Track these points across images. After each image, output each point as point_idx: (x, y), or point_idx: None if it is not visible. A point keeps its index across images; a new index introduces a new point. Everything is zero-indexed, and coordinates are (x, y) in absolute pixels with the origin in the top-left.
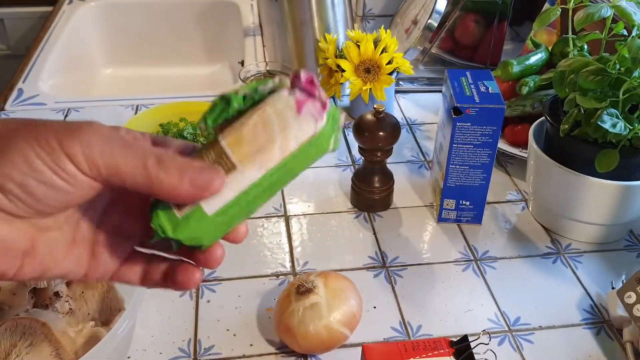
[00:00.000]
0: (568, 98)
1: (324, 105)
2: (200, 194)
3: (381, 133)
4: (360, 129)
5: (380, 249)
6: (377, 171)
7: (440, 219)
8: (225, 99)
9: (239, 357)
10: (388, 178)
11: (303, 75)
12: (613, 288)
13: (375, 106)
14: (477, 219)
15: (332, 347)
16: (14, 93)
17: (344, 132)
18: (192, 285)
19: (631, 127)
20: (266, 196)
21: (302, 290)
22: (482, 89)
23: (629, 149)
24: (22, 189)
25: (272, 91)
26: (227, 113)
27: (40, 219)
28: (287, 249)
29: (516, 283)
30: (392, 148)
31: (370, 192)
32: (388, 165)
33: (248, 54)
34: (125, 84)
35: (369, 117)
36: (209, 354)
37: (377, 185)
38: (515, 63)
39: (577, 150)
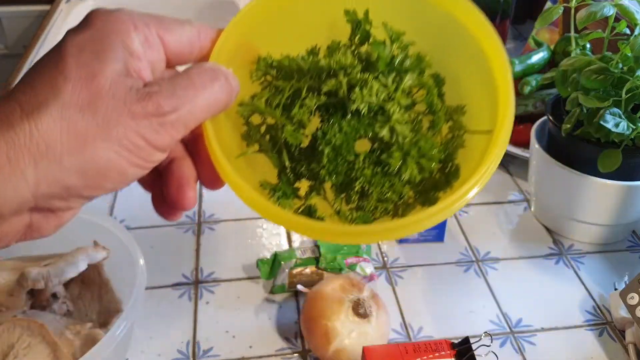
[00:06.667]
0: (570, 97)
1: None
2: None
3: None
4: None
5: (381, 250)
6: None
7: (400, 240)
8: None
9: (238, 359)
10: None
11: None
12: (616, 289)
13: None
14: (439, 237)
15: None
16: None
17: None
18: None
19: (634, 127)
20: None
21: (361, 312)
22: None
23: (632, 149)
24: None
25: None
26: None
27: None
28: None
29: (518, 284)
30: None
31: None
32: None
33: None
34: None
35: None
36: (208, 356)
37: None
38: (517, 62)
39: (580, 150)
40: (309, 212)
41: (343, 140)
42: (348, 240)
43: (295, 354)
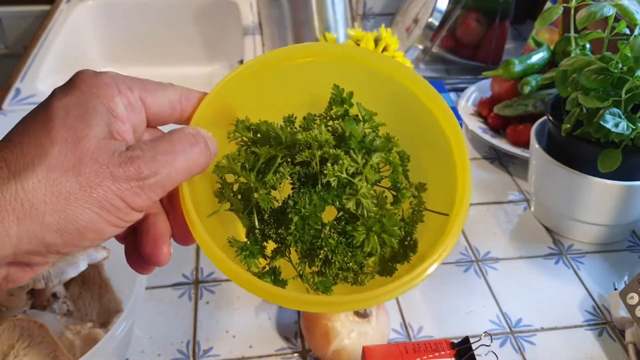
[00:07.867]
0: (570, 97)
1: None
2: None
3: None
4: None
5: None
6: None
7: None
8: None
9: (238, 359)
10: None
11: None
12: (615, 289)
13: None
14: None
15: None
16: (12, 92)
17: None
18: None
19: (634, 127)
20: None
21: (361, 312)
22: None
23: (632, 149)
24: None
25: None
26: None
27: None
28: None
29: (518, 284)
30: None
31: None
32: None
33: (247, 53)
34: None
35: None
36: (208, 356)
37: None
38: (517, 62)
39: (580, 150)
40: (274, 273)
41: (311, 212)
42: (308, 309)
43: (295, 354)
